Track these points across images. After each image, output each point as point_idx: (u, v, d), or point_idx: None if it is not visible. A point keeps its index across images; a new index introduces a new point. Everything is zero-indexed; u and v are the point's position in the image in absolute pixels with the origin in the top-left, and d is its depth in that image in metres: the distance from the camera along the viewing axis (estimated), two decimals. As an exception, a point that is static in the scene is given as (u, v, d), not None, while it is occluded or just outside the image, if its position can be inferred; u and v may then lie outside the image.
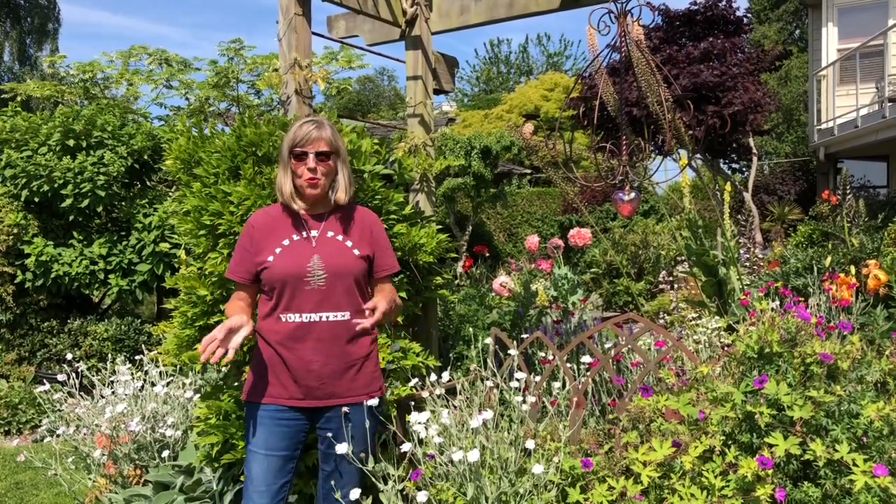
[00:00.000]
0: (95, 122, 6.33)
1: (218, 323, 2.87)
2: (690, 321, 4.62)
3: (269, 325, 2.29)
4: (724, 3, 11.86)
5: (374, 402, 2.31)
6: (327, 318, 2.28)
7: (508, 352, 2.98)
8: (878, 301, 3.56)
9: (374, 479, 2.30)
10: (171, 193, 6.67)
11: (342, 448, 2.24)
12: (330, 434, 2.31)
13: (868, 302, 3.48)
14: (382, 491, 2.32)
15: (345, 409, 2.29)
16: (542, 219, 15.97)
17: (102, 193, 6.04)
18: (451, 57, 4.21)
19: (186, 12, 70.73)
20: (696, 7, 11.84)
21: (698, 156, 11.68)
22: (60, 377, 3.88)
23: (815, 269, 3.93)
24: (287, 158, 2.30)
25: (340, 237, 2.35)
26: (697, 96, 10.97)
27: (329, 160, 2.30)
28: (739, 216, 11.22)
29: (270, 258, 2.28)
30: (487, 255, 10.06)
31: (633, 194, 3.39)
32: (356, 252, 2.34)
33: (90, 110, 6.53)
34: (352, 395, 2.31)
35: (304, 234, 2.32)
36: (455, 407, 2.49)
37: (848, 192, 5.71)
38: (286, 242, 2.30)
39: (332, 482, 2.35)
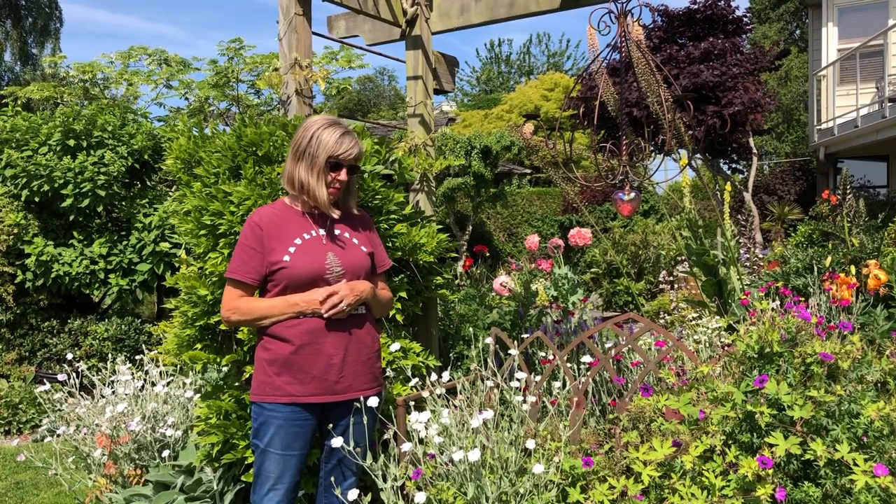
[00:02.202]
0: (96, 121, 6.33)
1: (219, 322, 2.87)
2: (691, 321, 4.63)
3: (288, 322, 2.28)
4: (723, 2, 11.84)
5: (374, 401, 2.33)
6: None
7: (509, 351, 2.98)
8: (879, 301, 3.56)
9: (374, 478, 2.31)
10: (171, 193, 6.67)
11: (338, 441, 2.28)
12: (337, 430, 2.35)
13: (868, 302, 3.48)
14: (382, 489, 2.32)
15: (356, 403, 2.34)
16: (542, 219, 15.97)
17: (103, 193, 6.04)
18: (451, 57, 4.21)
19: (185, 11, 70.79)
20: (695, 7, 11.82)
21: (698, 156, 11.68)
22: (61, 377, 3.88)
23: (816, 268, 3.93)
24: (324, 166, 2.30)
25: (347, 234, 2.41)
26: (697, 96, 10.96)
27: (353, 174, 2.38)
28: (739, 216, 11.22)
29: (286, 258, 2.28)
30: (487, 254, 10.06)
31: (633, 194, 3.39)
32: (363, 249, 2.42)
33: (90, 110, 6.53)
34: (365, 388, 2.36)
35: (314, 232, 2.36)
36: (455, 407, 2.49)
37: (848, 191, 5.70)
38: (298, 241, 2.31)
39: (332, 478, 2.40)
